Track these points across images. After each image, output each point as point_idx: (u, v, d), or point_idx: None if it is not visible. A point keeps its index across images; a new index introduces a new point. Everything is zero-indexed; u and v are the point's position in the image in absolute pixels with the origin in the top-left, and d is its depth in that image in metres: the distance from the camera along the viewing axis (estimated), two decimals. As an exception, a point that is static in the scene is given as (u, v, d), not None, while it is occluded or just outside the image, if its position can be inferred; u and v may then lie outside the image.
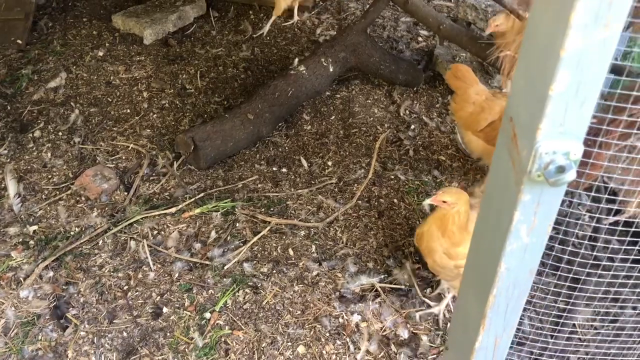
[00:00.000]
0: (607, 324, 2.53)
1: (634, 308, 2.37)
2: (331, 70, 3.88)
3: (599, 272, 1.75)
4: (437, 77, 4.21)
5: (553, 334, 2.40)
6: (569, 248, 1.51)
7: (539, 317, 2.53)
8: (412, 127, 3.82)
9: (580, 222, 1.35)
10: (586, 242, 1.58)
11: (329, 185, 3.36)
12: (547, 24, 0.90)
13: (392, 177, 3.44)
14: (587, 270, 1.72)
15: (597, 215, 1.26)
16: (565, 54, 0.86)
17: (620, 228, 1.85)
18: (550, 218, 1.06)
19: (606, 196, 1.20)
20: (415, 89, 4.12)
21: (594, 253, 1.86)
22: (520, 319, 2.63)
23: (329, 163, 3.51)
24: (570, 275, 1.78)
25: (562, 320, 2.45)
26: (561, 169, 0.95)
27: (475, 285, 1.27)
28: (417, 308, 2.72)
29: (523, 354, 2.32)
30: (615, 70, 1.13)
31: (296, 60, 3.89)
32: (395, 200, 3.32)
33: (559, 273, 1.80)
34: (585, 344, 2.50)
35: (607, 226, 1.61)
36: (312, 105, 3.94)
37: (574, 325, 2.57)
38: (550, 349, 2.25)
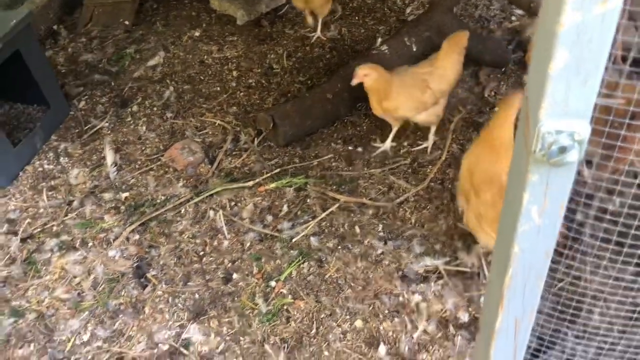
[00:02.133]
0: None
1: None
2: (414, 49, 3.84)
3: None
4: (527, 57, 4.03)
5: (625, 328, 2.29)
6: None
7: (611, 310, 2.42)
8: (496, 109, 3.70)
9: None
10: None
11: (403, 165, 3.37)
12: (550, 1, 0.89)
13: (469, 159, 3.37)
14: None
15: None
16: (562, 31, 0.85)
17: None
18: (562, 199, 1.04)
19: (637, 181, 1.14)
20: (503, 69, 3.99)
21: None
22: (591, 312, 2.53)
23: (405, 143, 3.50)
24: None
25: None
26: (563, 150, 0.93)
27: (497, 267, 1.27)
28: (482, 291, 2.68)
29: (590, 347, 2.24)
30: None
31: (379, 39, 3.89)
32: (470, 184, 3.26)
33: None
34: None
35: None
36: (393, 86, 3.93)
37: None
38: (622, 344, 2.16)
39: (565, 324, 2.39)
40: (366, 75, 3.16)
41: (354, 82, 3.18)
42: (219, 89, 4.07)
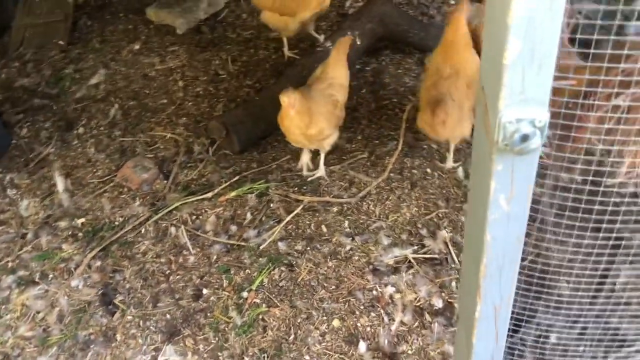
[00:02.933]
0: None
1: None
2: (358, 43, 3.85)
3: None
4: (469, 39, 4.09)
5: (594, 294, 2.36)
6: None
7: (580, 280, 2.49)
8: (445, 94, 3.75)
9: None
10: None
11: (361, 159, 3.37)
12: (498, -9, 0.89)
13: (425, 146, 3.41)
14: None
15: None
16: (514, 21, 0.85)
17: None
18: (528, 185, 1.05)
19: (597, 158, 1.17)
20: (447, 54, 4.03)
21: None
22: (558, 282, 2.59)
23: (360, 137, 3.51)
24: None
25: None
26: (525, 138, 0.94)
27: (471, 256, 1.27)
28: (453, 276, 2.71)
29: (560, 317, 2.29)
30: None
31: (322, 36, 3.88)
32: (428, 170, 3.30)
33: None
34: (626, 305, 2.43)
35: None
36: (342, 80, 3.92)
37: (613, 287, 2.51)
38: (589, 311, 2.22)
39: (540, 297, 2.44)
40: (294, 102, 2.89)
41: (293, 112, 2.92)
42: (166, 101, 3.98)
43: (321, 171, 3.27)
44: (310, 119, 2.98)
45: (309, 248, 2.90)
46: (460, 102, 2.96)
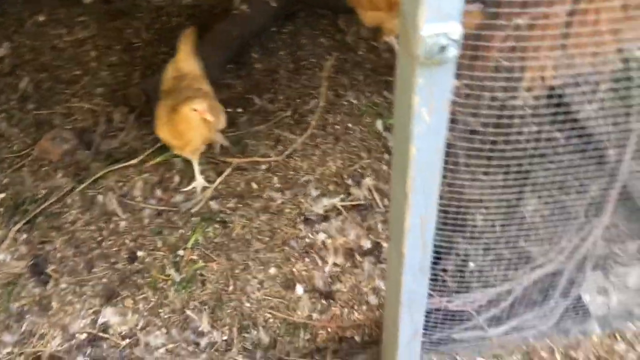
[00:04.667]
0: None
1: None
2: (274, 4, 3.90)
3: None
4: None
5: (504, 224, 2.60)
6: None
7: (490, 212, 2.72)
8: (360, 52, 3.90)
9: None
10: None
11: (285, 118, 3.46)
12: None
13: (345, 102, 3.55)
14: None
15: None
16: (428, -58, 0.97)
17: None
18: (446, 97, 1.19)
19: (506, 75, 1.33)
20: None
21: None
22: (473, 215, 2.82)
23: (281, 97, 3.59)
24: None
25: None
26: (442, 49, 1.07)
27: (398, 171, 1.41)
28: (378, 219, 2.89)
29: (479, 246, 2.52)
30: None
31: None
32: (350, 125, 3.44)
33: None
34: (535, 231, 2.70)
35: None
36: (259, 43, 3.97)
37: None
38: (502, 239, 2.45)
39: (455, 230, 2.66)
40: (204, 108, 2.68)
41: (210, 117, 2.70)
42: (79, 72, 3.87)
43: (199, 180, 3.05)
44: (217, 114, 2.86)
45: (240, 205, 2.98)
46: None
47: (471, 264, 2.68)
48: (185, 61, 3.04)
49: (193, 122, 2.72)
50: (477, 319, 2.09)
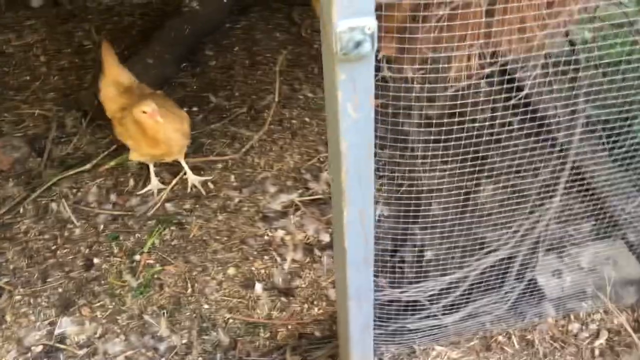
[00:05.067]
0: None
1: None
2: (224, 0, 3.86)
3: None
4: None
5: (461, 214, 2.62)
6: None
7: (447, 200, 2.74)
8: (315, 45, 3.88)
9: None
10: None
11: (241, 115, 3.43)
12: None
13: (301, 96, 3.53)
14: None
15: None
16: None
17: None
18: (369, 92, 1.18)
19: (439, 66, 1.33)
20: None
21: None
22: (430, 206, 2.83)
23: (237, 94, 3.55)
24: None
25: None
26: (357, 44, 1.06)
27: (335, 167, 1.39)
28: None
29: (436, 236, 2.53)
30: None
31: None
32: (307, 119, 3.42)
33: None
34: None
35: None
36: (213, 40, 3.93)
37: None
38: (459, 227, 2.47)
39: (411, 220, 2.68)
40: (154, 109, 2.60)
41: (160, 118, 2.62)
42: (29, 77, 3.78)
43: (154, 183, 3.00)
44: (178, 116, 2.81)
45: (197, 205, 2.94)
46: None
47: (428, 254, 2.70)
48: (120, 74, 2.94)
49: (149, 124, 2.66)
50: (431, 308, 2.10)
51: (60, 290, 2.62)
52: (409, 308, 2.17)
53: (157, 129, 2.69)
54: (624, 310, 2.35)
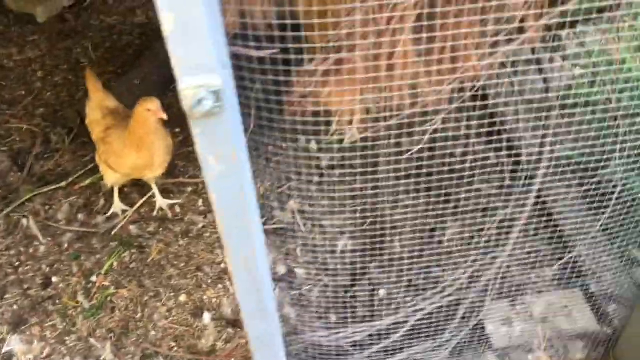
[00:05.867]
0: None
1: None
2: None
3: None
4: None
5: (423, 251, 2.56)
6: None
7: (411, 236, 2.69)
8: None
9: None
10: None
11: (218, 139, 3.44)
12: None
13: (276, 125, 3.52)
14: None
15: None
16: (159, -3, 0.94)
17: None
18: (229, 146, 1.16)
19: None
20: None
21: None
22: (392, 243, 2.78)
23: (217, 117, 3.57)
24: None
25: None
26: (199, 102, 1.04)
27: (217, 217, 1.38)
28: (299, 244, 2.85)
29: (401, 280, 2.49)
30: None
31: (179, 19, 3.88)
32: (283, 145, 3.40)
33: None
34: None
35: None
36: (204, 63, 3.96)
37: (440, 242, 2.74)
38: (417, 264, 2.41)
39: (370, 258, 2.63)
40: (158, 107, 2.65)
41: (164, 115, 2.68)
42: (23, 92, 3.89)
43: (117, 205, 3.04)
44: (167, 137, 2.87)
45: (161, 229, 2.96)
46: None
47: (382, 291, 2.65)
48: (105, 99, 2.99)
49: (149, 123, 2.68)
50: (353, 353, 2.04)
51: (15, 307, 2.66)
52: (336, 352, 2.12)
53: (156, 129, 2.70)
54: (572, 366, 2.25)
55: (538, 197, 2.41)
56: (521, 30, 1.47)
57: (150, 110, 2.64)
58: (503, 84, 1.87)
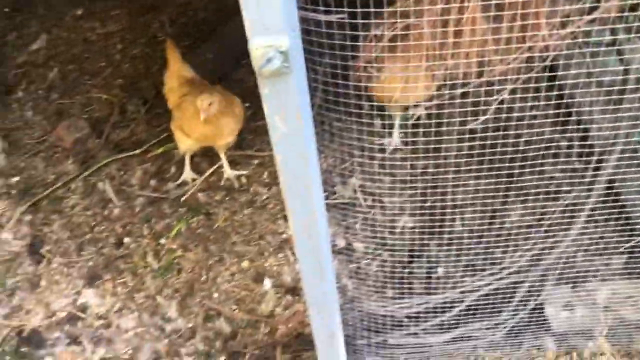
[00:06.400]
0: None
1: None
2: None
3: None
4: None
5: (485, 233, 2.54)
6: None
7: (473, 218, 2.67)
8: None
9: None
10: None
11: (285, 114, 3.50)
12: None
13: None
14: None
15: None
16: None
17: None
18: (296, 106, 1.20)
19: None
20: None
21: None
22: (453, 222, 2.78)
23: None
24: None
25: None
26: (269, 61, 1.08)
27: (280, 175, 1.43)
28: (358, 219, 2.89)
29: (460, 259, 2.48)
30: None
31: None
32: (349, 120, 3.43)
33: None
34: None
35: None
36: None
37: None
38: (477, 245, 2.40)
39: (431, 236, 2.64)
40: (211, 104, 2.77)
41: (203, 117, 2.76)
42: (104, 64, 4.09)
43: (187, 173, 3.18)
44: (229, 103, 2.96)
45: (227, 198, 3.07)
46: None
47: (440, 270, 2.64)
48: (183, 69, 3.15)
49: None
50: (408, 324, 2.07)
51: (90, 264, 2.84)
52: (391, 323, 2.15)
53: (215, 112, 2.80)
54: (635, 356, 2.18)
55: (608, 182, 2.33)
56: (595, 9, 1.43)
57: (209, 101, 2.75)
58: (575, 64, 1.82)
